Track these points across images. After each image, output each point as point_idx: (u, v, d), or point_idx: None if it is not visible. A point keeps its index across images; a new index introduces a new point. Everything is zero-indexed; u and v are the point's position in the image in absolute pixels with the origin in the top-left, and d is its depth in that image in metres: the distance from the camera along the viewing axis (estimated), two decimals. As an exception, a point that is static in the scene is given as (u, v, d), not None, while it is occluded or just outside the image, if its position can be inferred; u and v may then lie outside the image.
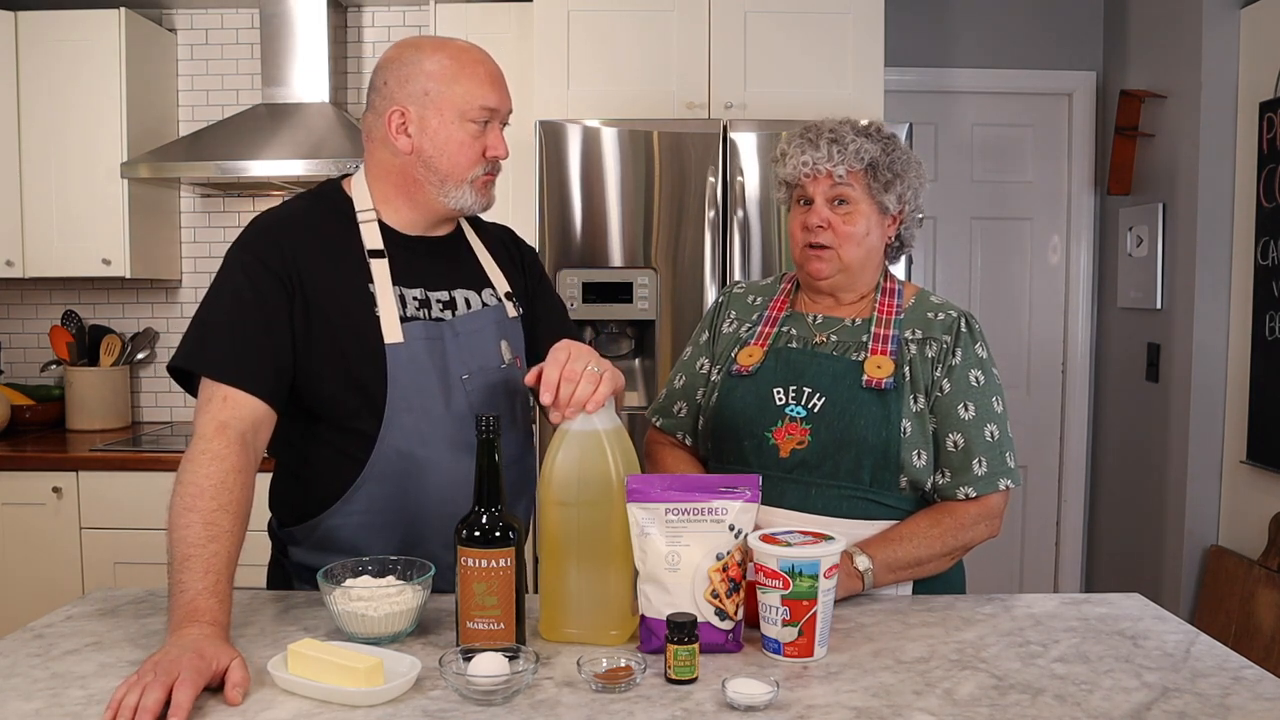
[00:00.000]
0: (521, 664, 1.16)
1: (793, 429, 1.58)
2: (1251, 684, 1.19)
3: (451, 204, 1.54)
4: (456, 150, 1.50)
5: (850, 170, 1.59)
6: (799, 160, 1.61)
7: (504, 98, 1.53)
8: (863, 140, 1.60)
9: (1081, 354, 3.80)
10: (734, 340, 1.71)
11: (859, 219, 1.61)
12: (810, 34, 3.00)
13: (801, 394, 1.59)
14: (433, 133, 1.50)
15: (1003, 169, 3.79)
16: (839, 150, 1.59)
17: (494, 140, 1.53)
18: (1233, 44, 3.03)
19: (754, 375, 1.63)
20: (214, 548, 1.27)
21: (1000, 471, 1.58)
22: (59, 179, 3.27)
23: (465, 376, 1.53)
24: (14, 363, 3.70)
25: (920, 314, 1.65)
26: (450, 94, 1.49)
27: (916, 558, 1.54)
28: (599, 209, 2.81)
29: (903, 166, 1.62)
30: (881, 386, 1.56)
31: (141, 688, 1.08)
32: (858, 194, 1.61)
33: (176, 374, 1.48)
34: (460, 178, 1.52)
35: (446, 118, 1.49)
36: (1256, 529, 2.94)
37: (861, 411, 1.55)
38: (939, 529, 1.55)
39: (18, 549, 3.04)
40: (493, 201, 1.59)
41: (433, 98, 1.49)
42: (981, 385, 1.60)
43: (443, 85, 1.49)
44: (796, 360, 1.62)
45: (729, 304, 1.78)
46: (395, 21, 3.58)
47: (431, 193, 1.53)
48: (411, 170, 1.52)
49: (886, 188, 1.61)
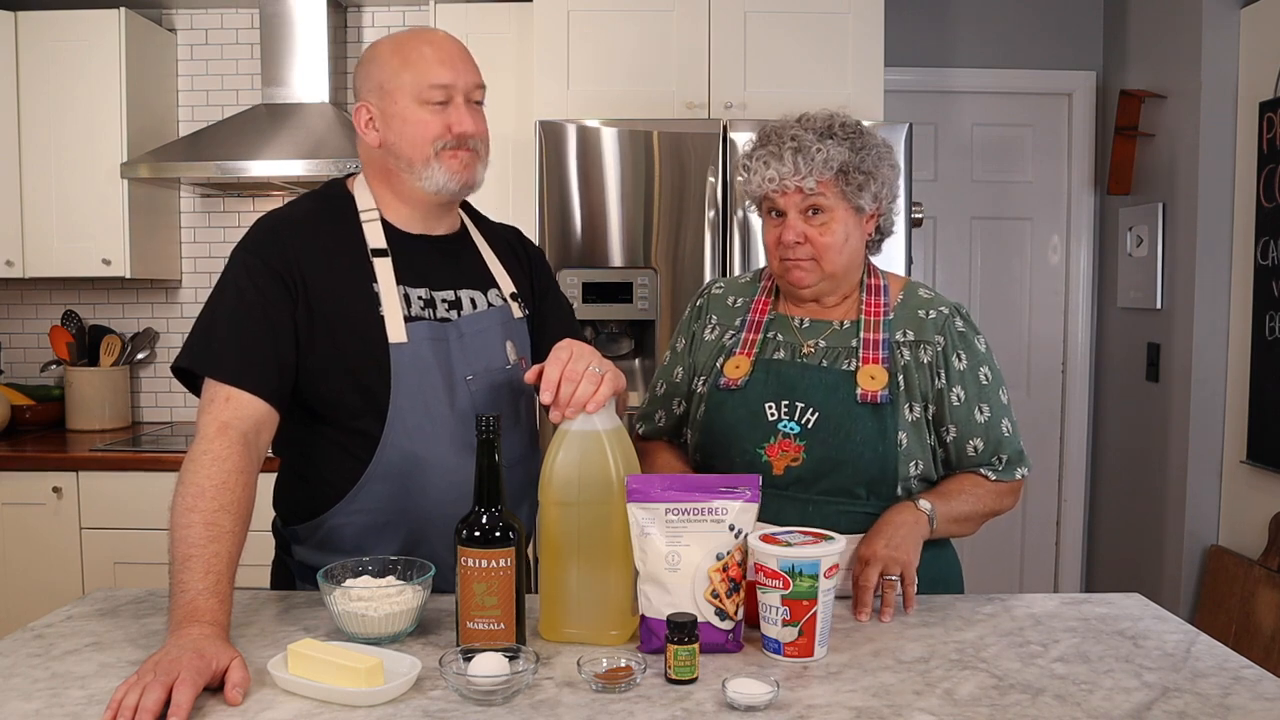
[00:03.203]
0: (521, 664, 1.16)
1: (786, 445, 1.54)
2: (1251, 684, 1.19)
3: (426, 186, 1.52)
4: (415, 132, 1.49)
5: (820, 180, 1.51)
6: (764, 176, 1.53)
7: (460, 74, 1.50)
8: (828, 144, 1.51)
9: (1081, 354, 3.80)
10: (718, 349, 1.65)
11: (836, 226, 1.54)
12: (810, 34, 3.00)
13: (794, 409, 1.55)
14: (392, 120, 1.50)
15: (1003, 169, 3.79)
16: (805, 161, 1.50)
17: (456, 116, 1.50)
18: (1233, 44, 3.03)
19: (743, 389, 1.58)
20: (215, 548, 1.27)
21: (1019, 461, 1.61)
22: (59, 179, 3.27)
23: (469, 377, 1.53)
24: (14, 363, 3.70)
25: (910, 312, 1.61)
26: (400, 81, 1.49)
27: (966, 513, 1.56)
28: (599, 209, 2.81)
29: (874, 163, 1.54)
30: (877, 400, 1.52)
31: (141, 688, 1.08)
32: (831, 200, 1.53)
33: (180, 374, 1.48)
34: (424, 156, 1.50)
35: (401, 105, 1.49)
36: (1256, 529, 2.94)
37: (857, 426, 1.52)
38: (980, 489, 1.58)
39: (18, 549, 3.04)
40: (474, 181, 1.55)
41: (387, 89, 1.50)
42: (990, 382, 1.60)
43: (393, 74, 1.49)
44: (786, 373, 1.57)
45: (708, 307, 1.71)
46: (395, 21, 3.58)
47: (407, 180, 1.52)
48: (385, 163, 1.53)
49: (860, 189, 1.54)
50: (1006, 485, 1.60)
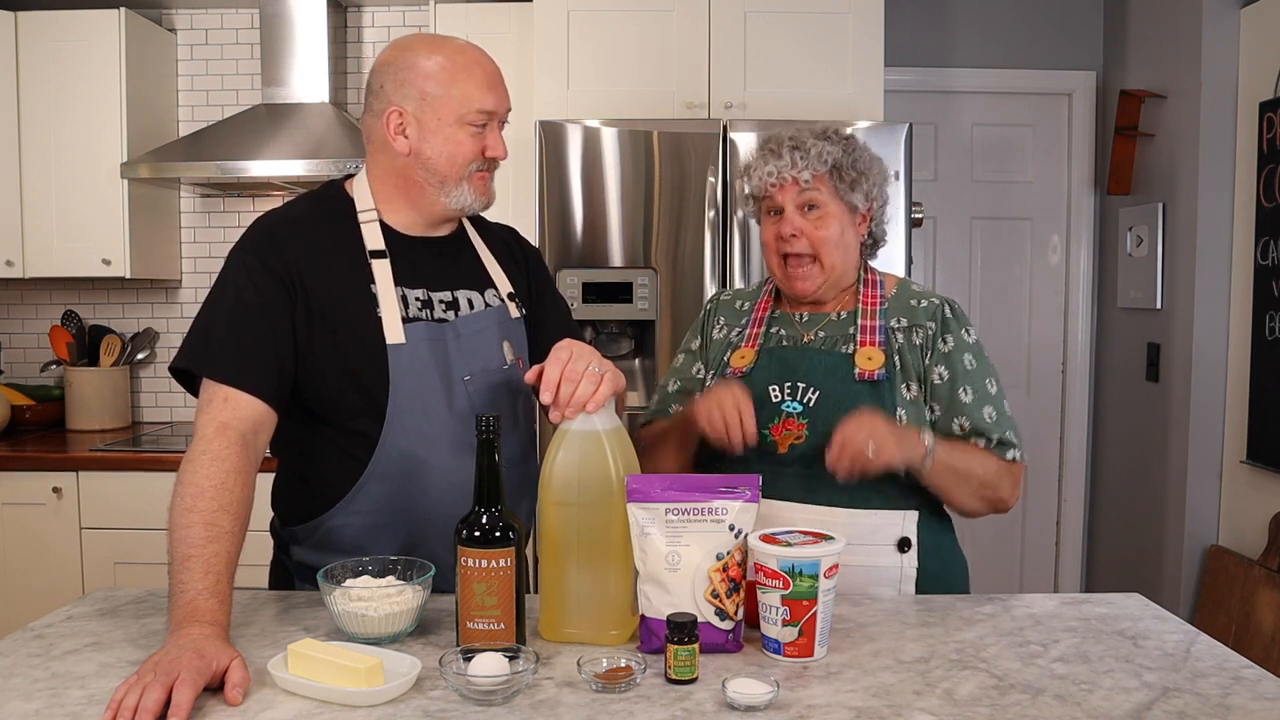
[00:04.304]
0: (521, 664, 1.16)
1: (790, 424, 1.61)
2: (1251, 684, 1.19)
3: (453, 204, 1.54)
4: (454, 152, 1.50)
5: (816, 174, 1.63)
6: (763, 171, 1.65)
7: (502, 99, 1.53)
8: (823, 144, 1.64)
9: (1081, 354, 3.80)
10: (725, 345, 1.75)
11: (831, 221, 1.64)
12: (810, 34, 3.00)
13: (796, 389, 1.62)
14: (431, 134, 1.49)
15: (1003, 169, 3.79)
16: (801, 156, 1.63)
17: (493, 141, 1.53)
18: (1233, 44, 3.03)
19: (748, 375, 1.66)
20: (214, 548, 1.27)
21: (1006, 445, 1.63)
22: (59, 179, 3.27)
23: (467, 378, 1.53)
24: (14, 363, 3.70)
25: (904, 302, 1.69)
26: (447, 96, 1.48)
27: (967, 468, 1.59)
28: (599, 209, 2.81)
29: (866, 165, 1.66)
30: (874, 378, 1.60)
31: (141, 688, 1.08)
32: (825, 196, 1.64)
33: (178, 375, 1.48)
34: (458, 176, 1.52)
35: (444, 120, 1.49)
36: (1256, 529, 2.94)
37: (856, 403, 1.57)
38: (982, 454, 1.61)
39: (18, 549, 3.04)
40: (493, 198, 1.58)
41: (430, 100, 1.49)
42: (975, 368, 1.64)
43: (440, 87, 1.48)
44: (789, 357, 1.66)
45: (717, 311, 1.82)
46: (395, 21, 3.58)
47: (431, 194, 1.53)
48: (410, 172, 1.52)
49: (853, 187, 1.65)
50: (1004, 464, 1.62)
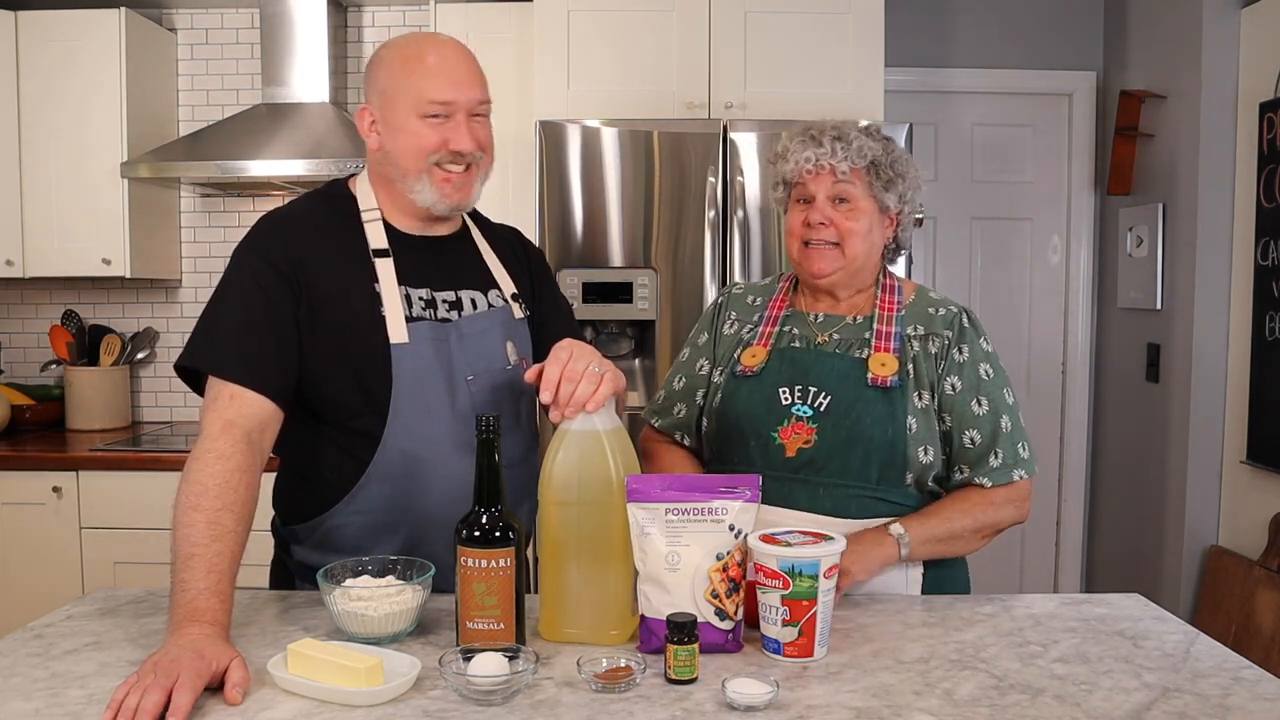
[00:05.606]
0: (521, 664, 1.16)
1: (799, 428, 1.58)
2: (1251, 684, 1.19)
3: (417, 200, 1.52)
4: (413, 145, 1.49)
5: (853, 167, 1.60)
6: (801, 156, 1.61)
7: (460, 89, 1.48)
8: (865, 139, 1.61)
9: (1081, 354, 3.80)
10: (736, 341, 1.71)
11: (861, 215, 1.62)
12: (810, 34, 3.00)
13: (807, 393, 1.59)
14: (395, 130, 1.49)
15: (1003, 169, 3.79)
16: (843, 147, 1.59)
17: (454, 134, 1.49)
18: (1233, 44, 3.03)
19: (759, 375, 1.63)
20: (217, 547, 1.27)
21: (1015, 463, 1.59)
22: (59, 179, 3.27)
23: (470, 378, 1.53)
24: (14, 363, 3.70)
25: (921, 310, 1.65)
26: (402, 89, 1.48)
27: (950, 530, 1.55)
28: (599, 209, 2.81)
29: (903, 167, 1.63)
30: (887, 384, 1.56)
31: (141, 690, 1.08)
32: (859, 192, 1.61)
33: (183, 373, 1.48)
34: (418, 170, 1.50)
35: (401, 113, 1.48)
36: (1256, 529, 2.94)
37: (868, 409, 1.56)
38: (968, 504, 1.58)
39: (18, 549, 3.04)
40: (464, 203, 1.55)
41: (389, 95, 1.49)
42: (991, 379, 1.61)
43: (396, 80, 1.49)
44: (801, 359, 1.63)
45: (728, 305, 1.77)
46: (395, 21, 3.58)
47: (400, 188, 1.53)
48: (384, 168, 1.53)
49: (888, 186, 1.62)
50: (1004, 493, 1.58)
